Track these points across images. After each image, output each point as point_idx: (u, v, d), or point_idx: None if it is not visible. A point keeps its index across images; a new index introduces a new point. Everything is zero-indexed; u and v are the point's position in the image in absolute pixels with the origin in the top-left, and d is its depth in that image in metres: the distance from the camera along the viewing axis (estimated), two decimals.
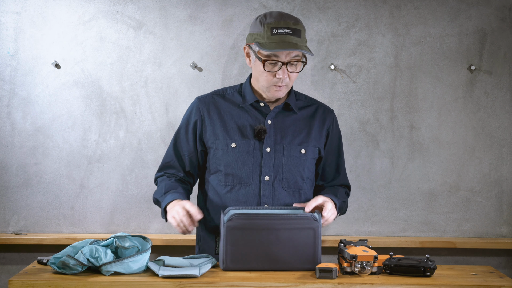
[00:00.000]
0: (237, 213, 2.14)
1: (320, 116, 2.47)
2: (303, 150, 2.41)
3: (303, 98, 2.50)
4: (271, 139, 2.40)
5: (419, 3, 3.40)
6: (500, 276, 2.17)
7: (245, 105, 2.42)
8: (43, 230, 3.40)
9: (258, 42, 2.30)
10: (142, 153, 3.39)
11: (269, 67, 2.31)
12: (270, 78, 2.33)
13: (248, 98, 2.42)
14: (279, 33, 2.28)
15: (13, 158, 3.37)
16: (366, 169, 3.42)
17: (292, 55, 2.30)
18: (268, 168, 2.38)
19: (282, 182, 2.39)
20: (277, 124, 2.41)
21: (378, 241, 3.34)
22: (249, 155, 2.38)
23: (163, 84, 3.39)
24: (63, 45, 3.37)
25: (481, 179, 3.44)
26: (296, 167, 2.40)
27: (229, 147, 2.38)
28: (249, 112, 2.42)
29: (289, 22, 2.31)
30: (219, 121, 2.42)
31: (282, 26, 2.29)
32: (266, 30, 2.29)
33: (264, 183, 2.37)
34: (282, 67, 2.30)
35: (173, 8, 3.38)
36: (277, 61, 2.29)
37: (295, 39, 2.29)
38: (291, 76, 2.34)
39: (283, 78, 2.31)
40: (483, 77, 3.42)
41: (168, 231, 3.41)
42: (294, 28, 2.30)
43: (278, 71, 2.31)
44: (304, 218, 2.14)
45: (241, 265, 2.14)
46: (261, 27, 2.31)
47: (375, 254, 2.11)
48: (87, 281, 2.00)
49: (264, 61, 2.30)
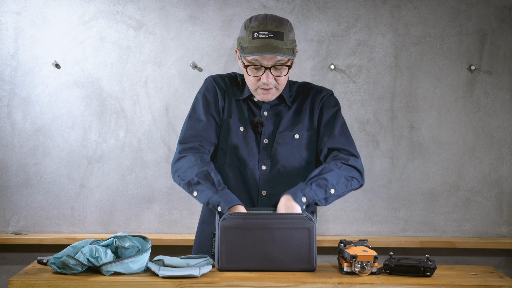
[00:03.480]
0: (232, 213, 2.14)
1: (311, 99, 2.46)
2: (296, 136, 2.41)
3: (296, 87, 2.48)
4: (268, 130, 2.40)
5: (419, 3, 3.40)
6: (500, 276, 2.17)
7: (241, 98, 2.42)
8: (43, 230, 3.40)
9: (241, 47, 2.31)
10: (142, 153, 3.40)
11: (253, 71, 2.31)
12: (255, 82, 2.33)
13: (245, 92, 2.42)
14: (259, 36, 2.27)
15: (13, 158, 3.37)
16: (366, 169, 3.42)
17: (275, 59, 2.29)
18: (265, 158, 2.38)
19: (280, 170, 2.39)
20: (272, 115, 2.42)
21: (378, 241, 3.34)
22: (248, 146, 2.39)
23: (163, 84, 3.39)
24: (63, 45, 3.37)
25: (481, 179, 3.44)
26: (292, 154, 2.40)
27: (239, 129, 2.39)
28: (247, 104, 2.43)
29: (271, 25, 2.29)
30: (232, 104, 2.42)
31: (262, 29, 2.28)
32: (248, 34, 2.30)
33: (262, 171, 2.38)
34: (266, 71, 2.29)
35: (173, 8, 3.38)
36: (260, 66, 2.29)
37: (276, 42, 2.27)
38: (278, 79, 2.33)
39: (267, 82, 2.31)
40: (483, 77, 3.42)
41: (168, 231, 3.42)
42: (275, 31, 2.28)
43: (262, 75, 2.30)
44: (299, 218, 2.14)
45: (236, 265, 2.13)
46: (245, 31, 2.31)
47: (375, 254, 2.11)
48: (87, 281, 2.00)
49: (246, 66, 2.31)
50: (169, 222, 3.42)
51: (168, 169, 3.35)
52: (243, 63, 2.32)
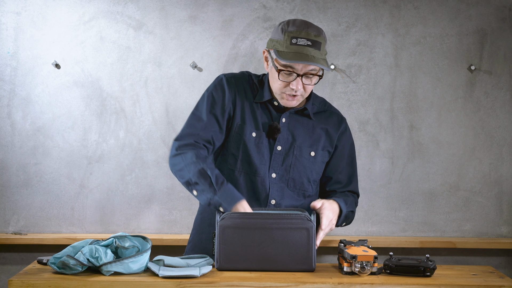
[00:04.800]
0: (231, 212, 2.14)
1: (333, 122, 2.44)
2: (312, 153, 2.40)
3: (318, 103, 2.46)
4: (283, 137, 2.38)
5: (419, 3, 3.40)
6: (500, 276, 2.17)
7: (261, 101, 2.39)
8: (43, 230, 3.40)
9: (276, 50, 2.26)
10: (142, 153, 3.40)
11: (284, 76, 2.28)
12: (283, 87, 2.30)
13: (265, 96, 2.38)
14: (298, 43, 2.23)
15: (13, 158, 3.37)
16: (366, 169, 3.42)
17: (308, 68, 2.26)
18: (277, 166, 2.37)
19: (288, 182, 2.38)
20: (290, 124, 2.39)
21: (378, 241, 3.34)
22: (260, 152, 2.36)
23: (163, 84, 3.40)
24: (63, 45, 3.37)
25: (481, 179, 3.44)
26: (304, 169, 2.39)
27: (251, 135, 2.36)
28: (264, 108, 2.39)
29: (311, 34, 2.25)
30: (245, 107, 2.37)
31: (302, 36, 2.24)
32: (286, 39, 2.25)
33: (271, 180, 2.37)
34: (297, 78, 2.26)
35: (173, 8, 3.38)
36: (292, 72, 2.26)
37: (314, 51, 2.24)
38: (306, 87, 2.30)
39: (297, 89, 2.28)
40: (483, 77, 3.42)
41: (168, 231, 3.42)
42: (314, 40, 2.24)
43: (292, 82, 2.27)
44: (298, 218, 2.14)
45: (235, 265, 2.13)
46: (282, 35, 2.26)
47: (375, 254, 2.11)
48: (87, 281, 2.00)
49: (279, 70, 2.27)
50: (169, 222, 3.42)
51: (168, 169, 3.35)
52: (275, 67, 2.28)
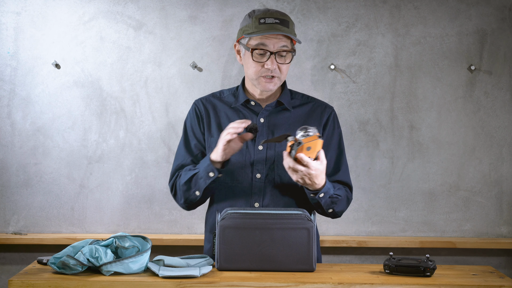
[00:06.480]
0: (231, 212, 2.14)
1: (316, 113, 2.46)
2: None
3: (299, 97, 2.49)
4: (263, 137, 2.40)
5: (419, 3, 3.40)
6: (500, 276, 2.17)
7: (237, 105, 2.43)
8: (43, 230, 3.40)
9: (246, 33, 2.34)
10: (142, 153, 3.40)
11: (258, 57, 2.34)
12: (258, 69, 2.35)
13: (240, 98, 2.43)
14: (266, 22, 2.34)
15: (13, 158, 3.37)
16: (366, 169, 3.42)
17: (280, 45, 2.33)
18: (260, 166, 2.38)
19: (275, 179, 2.38)
20: (270, 122, 2.42)
21: (378, 241, 3.34)
22: (241, 153, 2.38)
23: (163, 84, 3.40)
24: (63, 45, 3.37)
25: (481, 179, 3.44)
26: None
27: None
28: (242, 111, 2.43)
29: (277, 14, 2.36)
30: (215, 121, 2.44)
31: (269, 16, 2.35)
32: (254, 21, 2.34)
33: (256, 180, 2.37)
34: (271, 56, 2.33)
35: (173, 8, 3.38)
36: (265, 50, 2.32)
37: (283, 28, 2.33)
38: (281, 67, 2.36)
39: (272, 69, 2.33)
40: (483, 77, 3.42)
41: (168, 231, 3.42)
42: (281, 18, 2.35)
43: (266, 61, 2.33)
44: (298, 218, 2.14)
45: (235, 265, 2.13)
46: (249, 19, 2.36)
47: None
48: (87, 281, 2.00)
49: (252, 51, 2.33)
50: (169, 222, 3.42)
51: (168, 169, 3.35)
52: (247, 49, 2.35)
